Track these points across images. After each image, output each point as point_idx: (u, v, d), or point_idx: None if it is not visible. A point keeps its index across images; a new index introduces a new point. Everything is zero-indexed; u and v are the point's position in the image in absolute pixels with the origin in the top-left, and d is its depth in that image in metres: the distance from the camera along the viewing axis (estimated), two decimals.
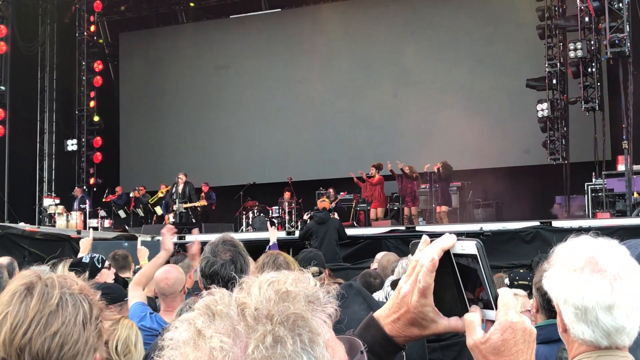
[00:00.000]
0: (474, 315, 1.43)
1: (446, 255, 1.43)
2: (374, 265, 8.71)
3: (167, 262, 8.00)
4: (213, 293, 1.15)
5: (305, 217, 18.41)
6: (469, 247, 1.41)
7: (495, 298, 1.41)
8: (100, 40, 26.68)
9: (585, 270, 2.12)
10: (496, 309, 1.41)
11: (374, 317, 1.54)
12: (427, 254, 1.44)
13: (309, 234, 14.65)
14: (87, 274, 2.18)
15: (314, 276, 1.21)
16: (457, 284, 1.44)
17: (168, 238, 5.90)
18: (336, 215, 15.90)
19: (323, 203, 15.61)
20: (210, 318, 1.09)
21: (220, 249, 3.83)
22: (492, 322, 1.41)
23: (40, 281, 1.88)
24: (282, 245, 13.22)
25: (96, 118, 25.76)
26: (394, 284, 1.58)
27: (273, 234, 9.63)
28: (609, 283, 2.09)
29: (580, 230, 2.35)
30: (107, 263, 6.22)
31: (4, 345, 1.81)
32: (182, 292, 5.35)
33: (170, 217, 21.42)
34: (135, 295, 5.40)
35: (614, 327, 2.09)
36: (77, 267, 6.88)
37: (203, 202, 21.11)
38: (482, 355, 1.41)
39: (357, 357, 1.24)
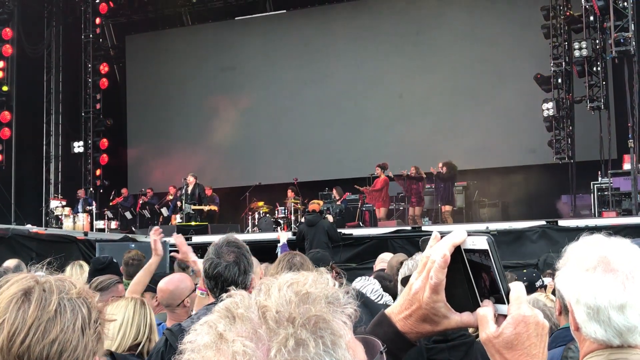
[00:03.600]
0: (486, 310, 1.42)
1: (457, 250, 1.43)
2: (378, 267, 8.70)
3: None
4: (232, 295, 1.14)
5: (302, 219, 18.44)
6: (480, 242, 1.41)
7: (507, 292, 1.41)
8: (101, 40, 26.69)
9: (597, 270, 2.12)
10: (508, 303, 1.41)
11: (385, 313, 1.54)
12: (438, 250, 1.43)
13: (301, 236, 14.65)
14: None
15: None
16: (468, 279, 1.44)
17: (158, 241, 5.78)
18: (330, 218, 15.78)
19: (313, 205, 15.54)
20: (231, 321, 1.09)
21: (224, 251, 3.79)
22: (505, 316, 1.41)
23: (37, 285, 1.85)
24: (288, 246, 13.27)
25: (109, 122, 25.92)
26: (404, 281, 1.59)
27: (283, 235, 9.51)
28: (621, 282, 2.10)
29: (588, 229, 2.35)
30: None
31: (2, 353, 1.78)
32: (182, 305, 5.14)
33: (177, 218, 21.44)
34: None
35: (626, 326, 2.10)
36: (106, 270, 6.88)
37: (214, 207, 21.12)
38: (495, 349, 1.41)
39: (377, 358, 1.23)
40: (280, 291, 1.12)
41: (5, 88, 22.31)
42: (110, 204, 23.85)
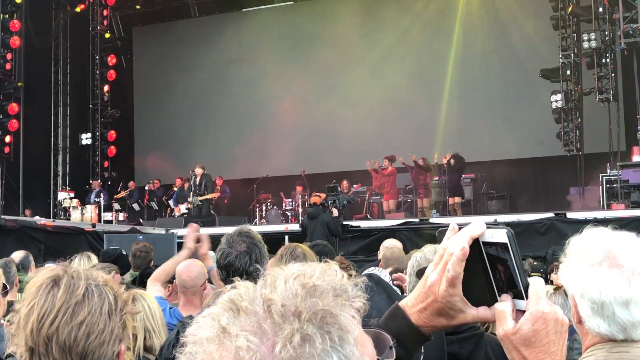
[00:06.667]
0: (504, 305, 1.39)
1: (475, 243, 1.40)
2: (381, 254, 8.70)
3: None
4: (237, 287, 1.11)
5: None
6: (500, 235, 1.37)
7: (526, 287, 1.38)
8: (107, 35, 26.66)
9: (603, 265, 2.11)
10: (527, 298, 1.38)
11: (399, 306, 1.51)
12: (456, 242, 1.40)
13: (304, 230, 14.71)
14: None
15: None
16: (485, 273, 1.40)
17: (191, 237, 5.85)
18: (335, 212, 15.77)
19: (314, 198, 15.57)
20: (235, 314, 1.05)
21: (235, 240, 3.82)
22: (523, 312, 1.38)
23: (66, 274, 1.91)
24: (296, 239, 13.27)
25: (117, 114, 26.06)
26: (419, 273, 1.55)
27: None
28: (626, 278, 2.08)
29: (597, 222, 2.33)
30: None
31: (32, 335, 1.83)
32: (203, 288, 5.34)
33: (182, 209, 21.49)
34: (154, 290, 5.40)
35: (630, 322, 2.09)
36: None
37: (215, 195, 21.15)
38: (512, 345, 1.39)
39: (386, 353, 1.21)
40: (287, 283, 1.08)
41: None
42: (115, 197, 23.87)
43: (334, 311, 1.06)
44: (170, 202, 22.80)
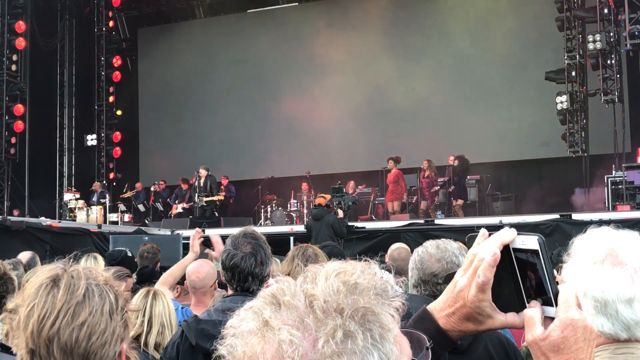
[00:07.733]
0: (534, 311, 1.39)
1: (504, 249, 1.40)
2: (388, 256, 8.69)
3: None
4: (278, 281, 1.12)
5: None
6: (531, 242, 1.38)
7: (556, 294, 1.38)
8: (114, 33, 26.80)
9: (605, 263, 2.10)
10: (556, 305, 1.38)
11: (427, 310, 1.52)
12: (487, 248, 1.40)
13: (309, 231, 14.72)
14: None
15: None
16: (514, 279, 1.41)
17: (196, 241, 5.93)
18: (340, 213, 15.76)
19: (319, 199, 15.55)
20: (277, 308, 1.07)
21: (241, 242, 3.82)
22: (551, 319, 1.38)
23: (65, 273, 1.89)
24: (301, 240, 13.28)
25: (119, 112, 26.12)
26: (448, 278, 1.56)
27: None
28: (629, 276, 2.08)
29: (602, 223, 2.33)
30: None
31: (33, 336, 1.81)
32: (213, 288, 5.39)
33: (179, 208, 21.52)
34: None
35: (634, 320, 2.08)
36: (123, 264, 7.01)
37: (220, 197, 21.17)
38: (541, 352, 1.38)
39: (422, 354, 1.22)
40: (328, 280, 1.10)
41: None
42: (121, 196, 23.91)
43: (375, 309, 1.08)
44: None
